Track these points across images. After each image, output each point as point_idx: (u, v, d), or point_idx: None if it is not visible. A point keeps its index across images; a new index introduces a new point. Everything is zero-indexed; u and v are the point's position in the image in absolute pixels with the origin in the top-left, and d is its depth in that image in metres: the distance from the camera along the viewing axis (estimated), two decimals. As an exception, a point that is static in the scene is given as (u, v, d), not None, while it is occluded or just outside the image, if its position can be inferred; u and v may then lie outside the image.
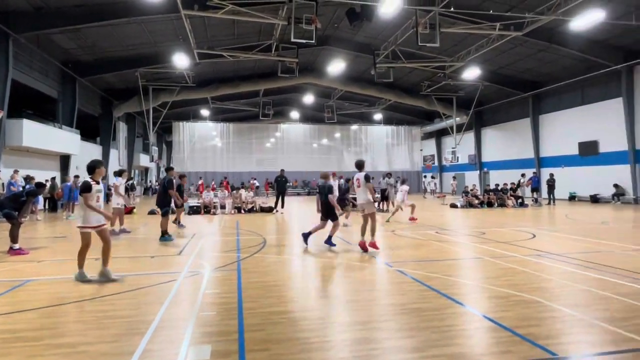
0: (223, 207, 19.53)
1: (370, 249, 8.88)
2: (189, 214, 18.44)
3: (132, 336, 4.20)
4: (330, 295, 5.83)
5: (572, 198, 25.65)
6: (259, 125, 40.89)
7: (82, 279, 6.41)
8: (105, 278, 6.43)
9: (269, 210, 19.30)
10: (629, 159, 21.99)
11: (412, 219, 15.19)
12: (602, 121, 23.71)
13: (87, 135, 27.59)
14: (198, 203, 19.98)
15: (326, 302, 5.53)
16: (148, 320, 4.63)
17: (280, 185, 19.31)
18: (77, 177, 19.17)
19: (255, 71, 28.94)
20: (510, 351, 3.74)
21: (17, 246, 8.82)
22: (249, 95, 34.12)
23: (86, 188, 6.40)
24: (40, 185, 10.47)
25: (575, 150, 25.49)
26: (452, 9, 17.33)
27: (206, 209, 19.14)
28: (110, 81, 27.12)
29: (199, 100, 33.47)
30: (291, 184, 38.56)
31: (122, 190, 12.36)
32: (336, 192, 21.51)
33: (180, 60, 22.17)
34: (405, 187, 16.02)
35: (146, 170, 42.81)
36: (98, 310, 5.09)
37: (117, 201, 12.15)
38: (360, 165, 9.34)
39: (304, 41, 17.77)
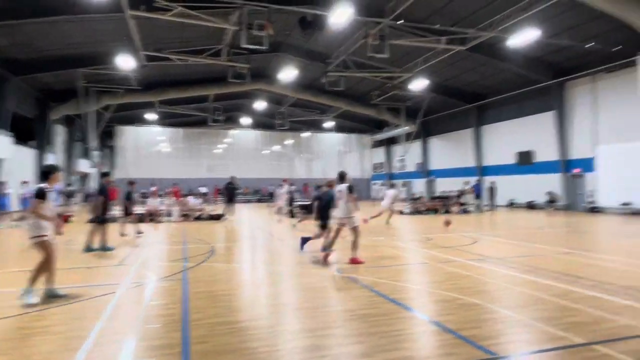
0: (170, 214, 18.87)
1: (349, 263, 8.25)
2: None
3: (64, 353, 3.93)
4: (279, 303, 5.77)
5: (511, 205, 27.13)
6: (209, 131, 39.98)
7: (52, 294, 5.82)
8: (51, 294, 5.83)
9: (218, 217, 18.89)
10: (560, 168, 23.61)
11: (365, 220, 14.96)
12: (537, 133, 25.31)
13: (22, 138, 25.74)
14: (142, 211, 19.17)
15: (275, 310, 5.47)
16: (83, 336, 4.35)
17: (230, 192, 18.94)
18: (25, 182, 18.10)
19: (205, 75, 28.33)
20: (454, 353, 3.86)
21: None
22: (198, 99, 33.33)
23: (41, 194, 5.87)
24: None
25: (513, 160, 27.01)
26: (400, 22, 17.88)
27: (151, 217, 18.40)
28: (47, 81, 25.52)
29: (145, 103, 32.24)
30: (242, 190, 38.01)
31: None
32: (283, 198, 21.49)
33: (125, 62, 21.27)
34: (392, 192, 16.19)
35: (86, 176, 40.55)
36: (27, 327, 4.73)
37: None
38: (342, 177, 8.86)
39: (255, 47, 17.64)
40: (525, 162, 26.15)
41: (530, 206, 25.39)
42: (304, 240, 9.66)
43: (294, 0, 18.10)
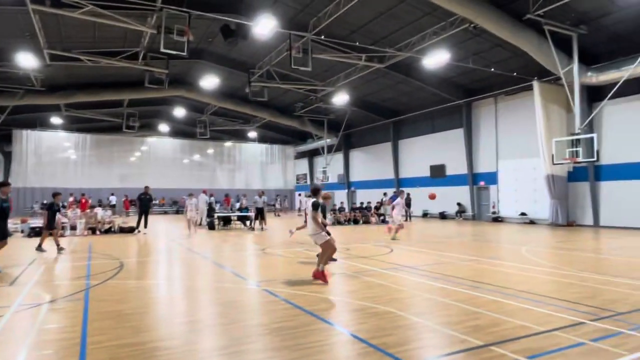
0: (74, 227, 17.35)
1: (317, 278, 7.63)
2: (29, 235, 15.97)
3: None
4: (192, 321, 5.50)
5: (425, 215, 28.72)
6: (122, 138, 37.45)
7: None
8: None
9: (130, 230, 17.73)
10: (468, 181, 25.54)
11: (291, 231, 14.39)
12: (448, 148, 27.18)
13: None
14: (40, 224, 17.42)
15: (187, 328, 5.20)
16: (-43, 369, 3.80)
17: (143, 204, 17.87)
18: None
19: (119, 79, 26.63)
20: (365, 362, 3.93)
21: None
22: (111, 104, 31.17)
23: None
24: None
25: (427, 172, 28.71)
26: (323, 37, 18.33)
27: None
28: None
29: (49, 106, 29.51)
30: (157, 201, 36.15)
31: None
32: (203, 207, 20.79)
33: (26, 60, 19.38)
34: (400, 201, 15.74)
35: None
36: None
37: None
38: (314, 191, 8.18)
39: (174, 52, 16.97)
40: (438, 175, 27.89)
41: (442, 216, 27.07)
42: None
43: (217, 7, 17.80)
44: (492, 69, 20.40)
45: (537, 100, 19.39)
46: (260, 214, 19.43)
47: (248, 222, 20.16)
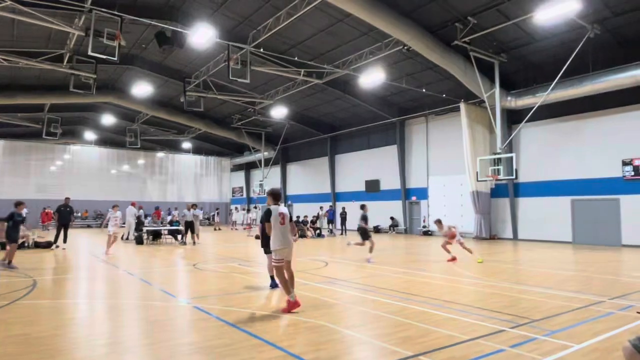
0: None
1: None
2: None
3: None
4: (114, 342, 5.12)
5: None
6: (41, 145, 34.50)
7: None
8: None
9: (47, 245, 16.31)
10: (401, 196, 26.50)
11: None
12: (383, 163, 28.08)
13: None
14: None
15: (110, 350, 4.82)
16: None
17: (63, 216, 16.51)
18: None
19: (40, 82, 24.69)
20: (297, 378, 3.87)
21: None
22: (29, 108, 28.72)
23: None
24: None
25: (363, 187, 29.40)
26: (262, 50, 18.33)
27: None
28: None
29: (-45, 108, 26.69)
30: (80, 214, 33.73)
31: None
32: (131, 220, 19.73)
33: None
34: (446, 230, 12.84)
35: None
36: None
37: None
38: (275, 196, 6.91)
39: (104, 57, 16.05)
40: (372, 190, 28.66)
41: (377, 230, 27.75)
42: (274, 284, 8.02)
43: (152, 13, 17.20)
44: (424, 90, 21.51)
45: (463, 120, 20.69)
46: (190, 228, 18.76)
47: (180, 237, 19.37)
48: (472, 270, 10.94)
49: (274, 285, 8.11)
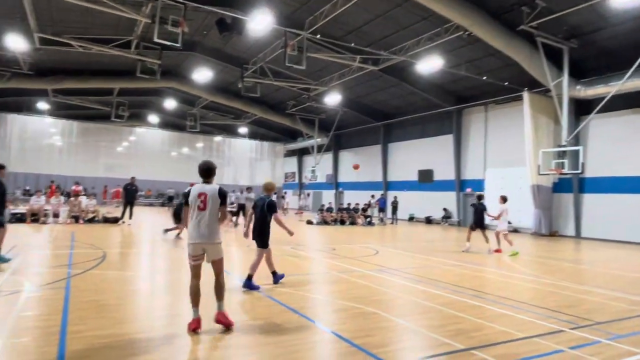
0: (57, 215, 17.07)
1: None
2: (10, 221, 15.64)
3: None
4: (174, 314, 5.46)
5: (411, 219, 28.89)
6: (110, 127, 36.90)
7: None
8: None
9: (114, 221, 17.51)
10: (455, 187, 25.76)
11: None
12: (437, 153, 27.37)
13: None
14: (23, 210, 17.12)
15: (169, 322, 5.15)
16: None
17: (129, 194, 17.64)
18: None
19: (110, 67, 26.26)
20: (347, 361, 3.94)
21: None
22: (100, 92, 30.72)
23: None
24: None
25: (415, 177, 28.87)
26: (318, 36, 18.33)
27: (34, 217, 16.49)
28: None
29: (36, 91, 28.96)
30: (144, 193, 35.72)
31: None
32: None
33: (15, 42, 18.97)
34: (503, 207, 12.87)
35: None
36: None
37: None
38: (207, 172, 5.02)
39: (168, 43, 16.78)
40: (425, 180, 28.08)
41: (428, 221, 27.26)
42: (248, 284, 6.81)
43: (214, 0, 17.66)
44: (484, 78, 20.61)
45: (526, 110, 19.65)
46: (242, 210, 19.41)
47: (234, 218, 20.07)
48: (530, 267, 10.51)
49: (276, 281, 7.21)
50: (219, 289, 5.00)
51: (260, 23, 16.72)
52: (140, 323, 5.05)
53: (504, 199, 13.10)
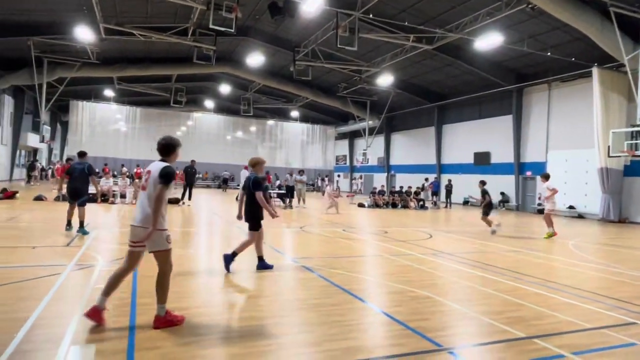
0: (123, 196, 18.21)
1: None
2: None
3: (1, 336, 3.69)
4: (232, 291, 5.69)
5: (466, 203, 28.03)
6: (169, 112, 38.69)
7: None
8: None
9: (175, 201, 18.42)
10: (514, 170, 24.61)
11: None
12: (494, 135, 26.21)
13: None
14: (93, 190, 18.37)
15: (228, 298, 5.39)
16: (22, 318, 4.12)
17: (189, 176, 18.52)
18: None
19: (168, 54, 27.37)
20: (402, 344, 3.94)
21: None
22: (160, 79, 32.19)
23: None
24: None
25: (471, 159, 27.88)
26: (370, 16, 17.95)
27: (104, 198, 17.71)
28: (-5, 47, 23.86)
29: (102, 79, 30.83)
30: (201, 175, 37.20)
31: None
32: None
33: (83, 34, 20.21)
34: (550, 184, 12.40)
35: (35, 151, 38.43)
36: (-41, 307, 4.42)
37: None
38: (167, 148, 4.44)
39: (222, 29, 17.21)
40: (481, 162, 27.05)
41: (484, 205, 26.33)
42: (228, 259, 6.59)
43: (266, -16, 17.78)
44: (548, 53, 19.31)
45: (595, 88, 18.24)
46: (290, 192, 19.84)
47: (287, 200, 20.47)
48: (597, 255, 9.90)
49: (259, 267, 6.77)
50: (160, 287, 4.19)
51: (311, 5, 16.63)
52: (201, 298, 5.31)
53: (546, 177, 12.66)
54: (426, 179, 27.10)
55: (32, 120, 34.55)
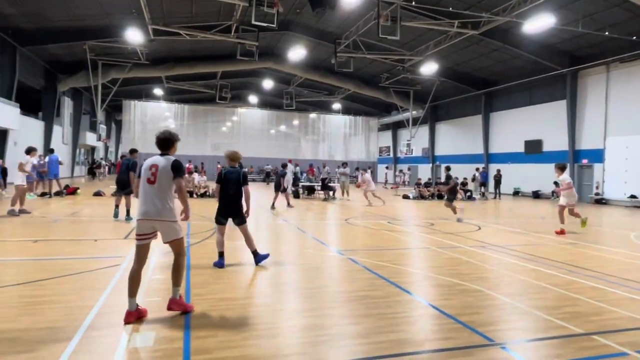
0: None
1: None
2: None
3: (70, 322, 3.99)
4: (280, 283, 5.82)
5: (517, 193, 26.99)
6: (215, 108, 39.82)
7: None
8: None
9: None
10: (569, 158, 23.37)
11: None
12: (547, 122, 24.99)
13: (28, 109, 25.78)
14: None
15: (277, 289, 5.51)
16: (88, 306, 4.42)
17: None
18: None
19: (213, 52, 28.08)
20: (452, 337, 3.88)
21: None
22: (205, 76, 33.12)
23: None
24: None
25: (521, 148, 26.75)
26: (413, 3, 17.54)
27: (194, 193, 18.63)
28: (55, 53, 25.42)
29: (152, 78, 32.12)
30: (247, 170, 38.02)
31: (28, 167, 12.04)
32: (289, 177, 21.73)
33: (133, 36, 21.11)
34: (566, 177, 10.98)
35: (93, 149, 40.77)
36: (33, 295, 4.81)
37: (21, 180, 11.66)
38: (167, 142, 4.59)
39: (264, 24, 17.42)
40: (533, 151, 25.91)
41: (536, 195, 25.26)
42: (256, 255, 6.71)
43: (306, -23, 17.78)
44: (606, 33, 18.11)
45: (660, 68, 16.96)
46: (324, 185, 20.03)
47: (331, 192, 20.56)
48: (661, 247, 9.26)
49: (258, 261, 6.64)
50: (176, 272, 4.46)
51: (352, -5, 16.47)
52: (252, 289, 5.47)
53: (562, 169, 11.05)
54: (477, 169, 26.30)
55: (89, 120, 36.72)
